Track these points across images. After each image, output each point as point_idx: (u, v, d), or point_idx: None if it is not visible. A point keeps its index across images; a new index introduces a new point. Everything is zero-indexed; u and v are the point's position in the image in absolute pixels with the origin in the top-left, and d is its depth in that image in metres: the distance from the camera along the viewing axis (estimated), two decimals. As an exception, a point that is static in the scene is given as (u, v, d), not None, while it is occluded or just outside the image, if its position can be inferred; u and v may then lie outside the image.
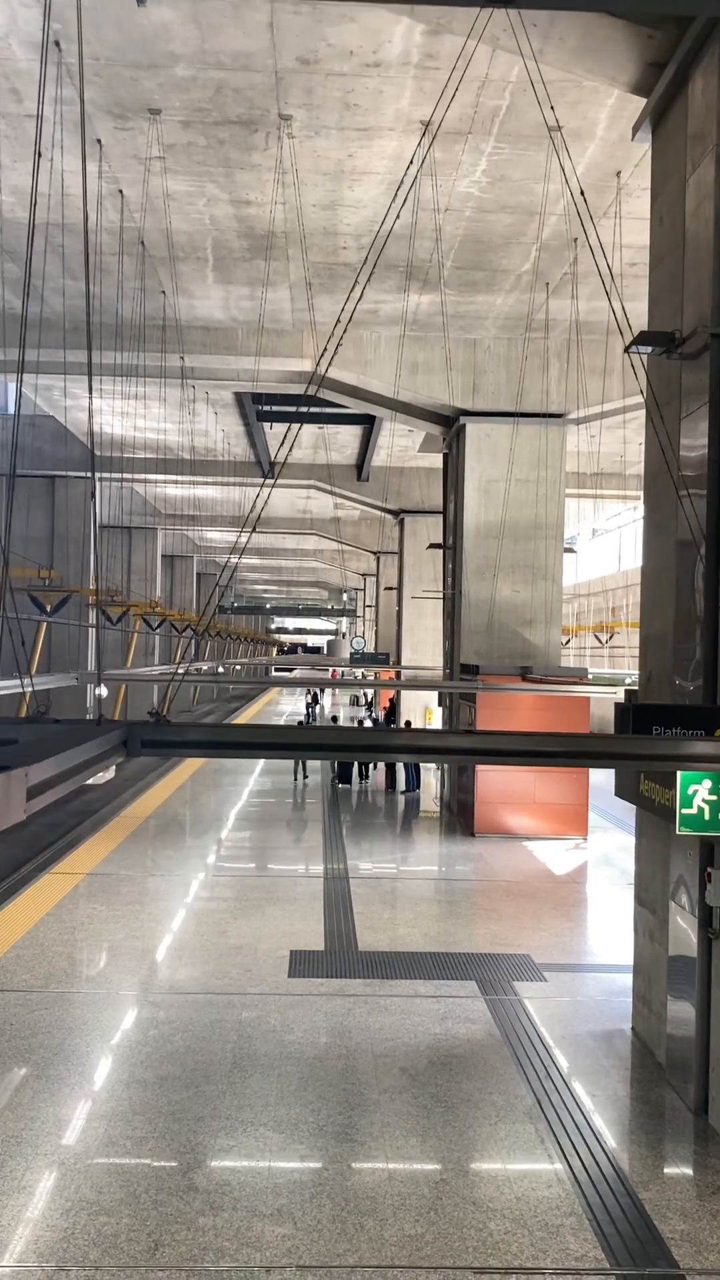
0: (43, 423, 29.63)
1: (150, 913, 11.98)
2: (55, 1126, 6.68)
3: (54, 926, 11.23)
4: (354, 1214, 5.71)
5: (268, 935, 11.10)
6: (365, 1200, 5.85)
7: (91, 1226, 5.57)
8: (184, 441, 28.75)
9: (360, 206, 13.62)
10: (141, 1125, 6.73)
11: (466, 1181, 6.11)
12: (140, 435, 28.49)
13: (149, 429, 27.56)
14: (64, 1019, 8.50)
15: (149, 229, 14.45)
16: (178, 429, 27.32)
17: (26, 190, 13.23)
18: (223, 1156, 6.37)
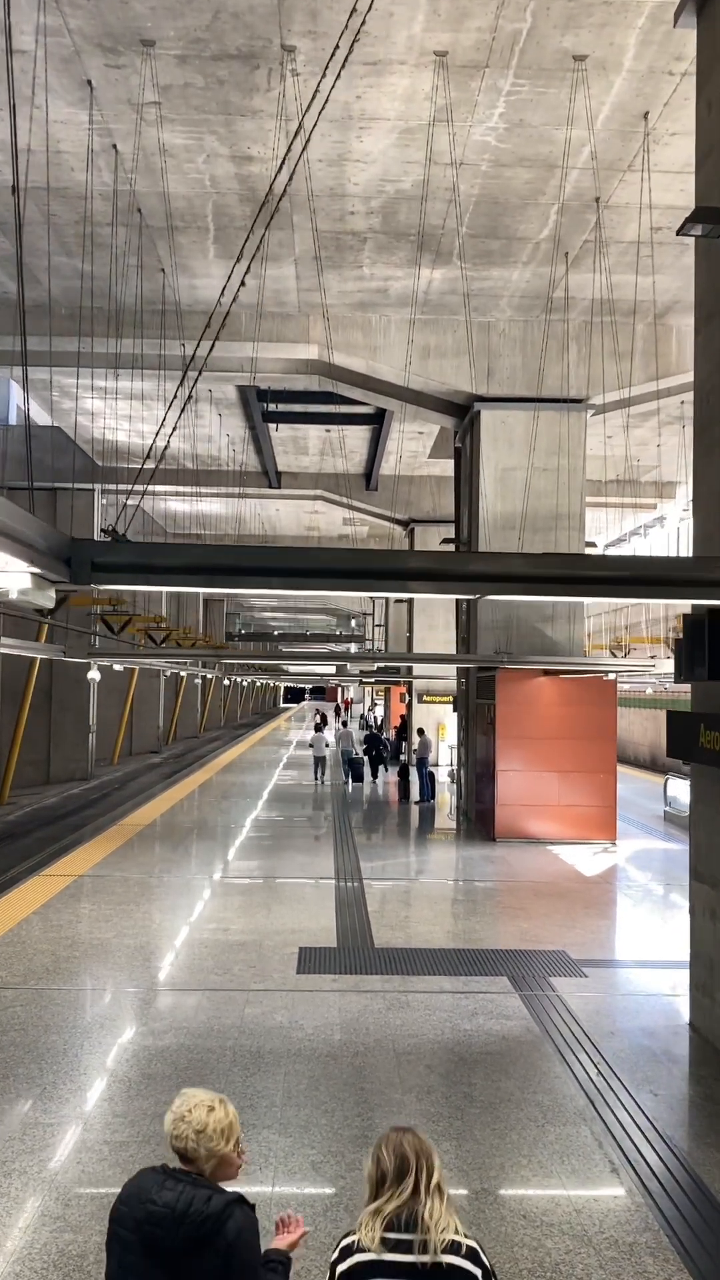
0: (42, 433, 28.88)
1: (145, 912, 10.93)
2: (19, 1130, 5.63)
3: (37, 925, 10.19)
4: (377, 1230, 4.64)
5: (274, 932, 10.05)
6: (390, 1214, 4.77)
7: (54, 1245, 4.52)
8: (187, 449, 27.96)
9: (369, 161, 12.80)
10: (122, 1129, 5.68)
11: (514, 1192, 5.04)
12: (144, 442, 27.70)
13: (152, 435, 26.76)
14: (40, 1016, 7.45)
15: (145, 192, 13.65)
16: (180, 434, 26.51)
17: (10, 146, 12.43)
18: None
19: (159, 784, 24.55)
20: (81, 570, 4.10)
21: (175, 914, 10.99)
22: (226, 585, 5.51)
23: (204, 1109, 2.69)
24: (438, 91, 11.23)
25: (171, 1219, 2.52)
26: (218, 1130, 2.67)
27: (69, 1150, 5.42)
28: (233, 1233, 2.53)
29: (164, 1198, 2.57)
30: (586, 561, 6.36)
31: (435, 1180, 2.58)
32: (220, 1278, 2.50)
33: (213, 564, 5.17)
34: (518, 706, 16.24)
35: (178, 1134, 2.68)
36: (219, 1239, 2.51)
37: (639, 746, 37.45)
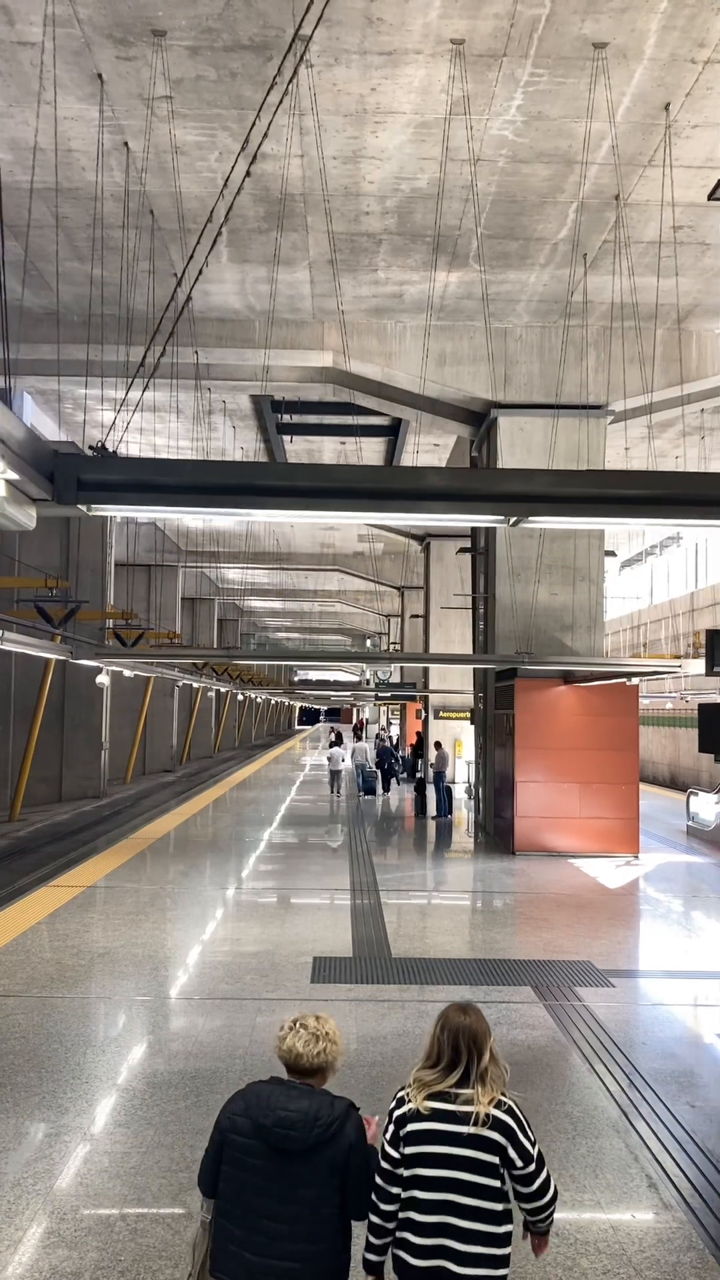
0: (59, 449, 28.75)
1: (154, 921, 10.59)
2: (14, 1140, 5.29)
3: (44, 934, 9.86)
4: (397, 1247, 4.27)
5: (288, 943, 9.68)
6: (411, 1230, 4.41)
7: (47, 1263, 4.17)
8: (202, 463, 27.76)
9: (384, 158, 12.59)
10: (124, 1139, 5.33)
11: (543, 1207, 4.66)
12: (159, 457, 27.55)
13: (164, 448, 26.62)
14: (42, 1024, 7.11)
15: (157, 193, 13.47)
16: (194, 447, 26.36)
17: (26, 144, 12.27)
18: (225, 1175, 4.95)
19: (172, 801, 24.23)
20: (67, 488, 3.79)
21: (186, 924, 10.64)
22: (234, 506, 4.98)
23: (319, 1028, 3.14)
24: (454, 83, 11.01)
25: (305, 1122, 2.94)
26: (333, 1044, 3.14)
27: (67, 1161, 5.08)
28: (353, 1132, 3.01)
29: (297, 1105, 2.99)
30: (624, 479, 5.73)
31: (482, 1066, 3.04)
32: (342, 1167, 2.95)
33: (219, 482, 4.76)
34: (537, 716, 15.87)
35: (297, 1051, 3.09)
36: (342, 1137, 2.97)
37: (658, 765, 36.95)
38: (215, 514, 5.00)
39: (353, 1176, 2.98)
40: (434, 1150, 2.97)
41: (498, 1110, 2.98)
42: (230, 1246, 2.95)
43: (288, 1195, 2.91)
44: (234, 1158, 2.99)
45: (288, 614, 64.91)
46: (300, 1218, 2.90)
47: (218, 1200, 3.04)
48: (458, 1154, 2.95)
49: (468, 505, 5.08)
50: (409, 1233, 2.98)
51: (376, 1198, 3.01)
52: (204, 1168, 3.11)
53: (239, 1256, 2.91)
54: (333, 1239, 2.95)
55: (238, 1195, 2.96)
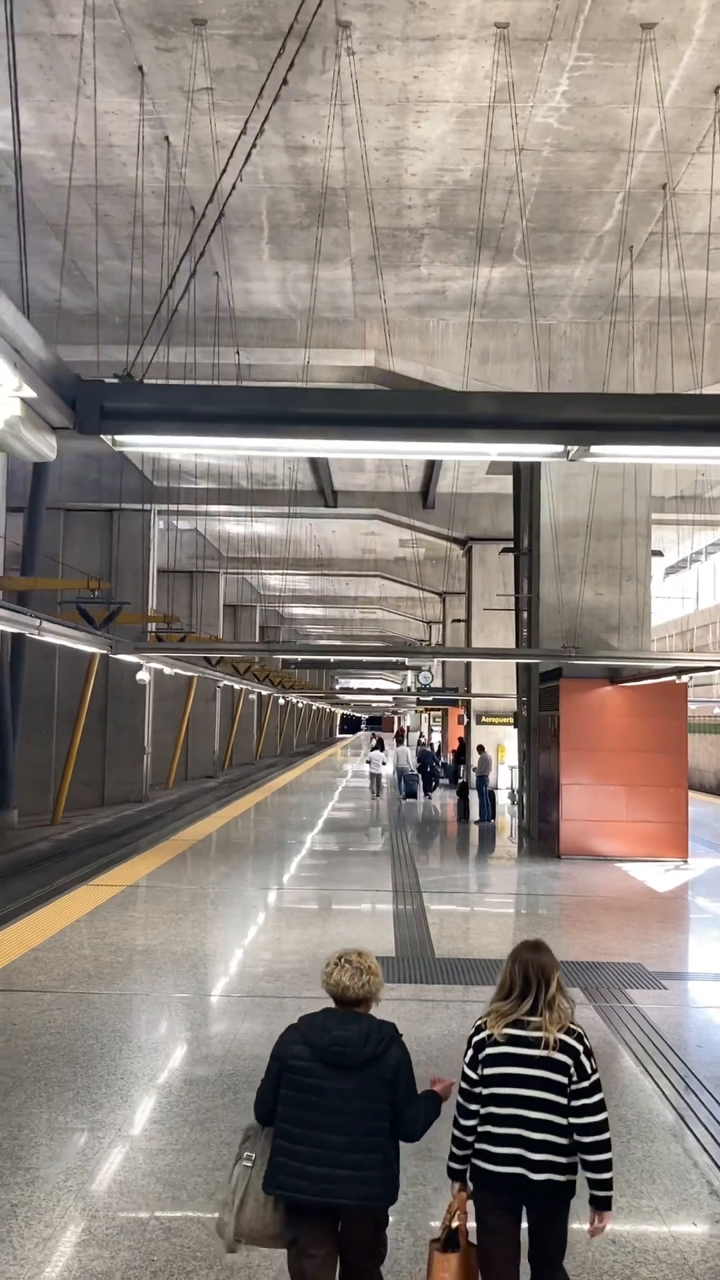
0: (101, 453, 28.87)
1: (194, 920, 10.44)
2: (47, 1135, 5.13)
3: (82, 931, 9.74)
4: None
5: (329, 942, 9.48)
6: (458, 1235, 4.19)
7: (78, 1261, 4.00)
8: (242, 467, 27.75)
9: (427, 149, 12.41)
10: (160, 1136, 5.15)
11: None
12: (199, 461, 27.56)
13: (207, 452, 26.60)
14: (78, 1020, 6.97)
15: (198, 188, 13.38)
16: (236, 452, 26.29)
17: (67, 140, 12.23)
18: (263, 1174, 4.76)
19: (214, 805, 24.16)
20: (90, 415, 3.61)
21: (226, 923, 10.48)
22: (270, 436, 4.69)
23: (361, 963, 3.44)
24: (498, 68, 10.82)
25: (358, 1041, 3.27)
26: (375, 976, 3.44)
27: (101, 1158, 4.91)
28: (399, 1053, 3.34)
29: (349, 1029, 3.31)
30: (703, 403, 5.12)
31: (550, 994, 3.41)
32: (390, 1082, 3.26)
33: (254, 410, 4.49)
34: (582, 717, 15.57)
35: (345, 984, 3.40)
36: (390, 1056, 3.30)
37: (705, 773, 36.37)
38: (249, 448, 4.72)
39: (400, 1094, 3.29)
40: (509, 1071, 3.34)
41: (566, 1036, 3.34)
42: (292, 1163, 3.22)
43: (344, 1109, 3.22)
44: (293, 1081, 3.28)
45: (329, 620, 64.80)
46: (355, 1129, 3.20)
47: (277, 1124, 3.30)
48: (530, 1074, 3.32)
49: (521, 434, 4.67)
50: (487, 1144, 3.33)
51: (458, 1114, 3.40)
52: (262, 1099, 3.39)
53: (302, 1170, 3.20)
54: (385, 1150, 3.26)
55: (298, 1115, 3.25)
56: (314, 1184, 3.18)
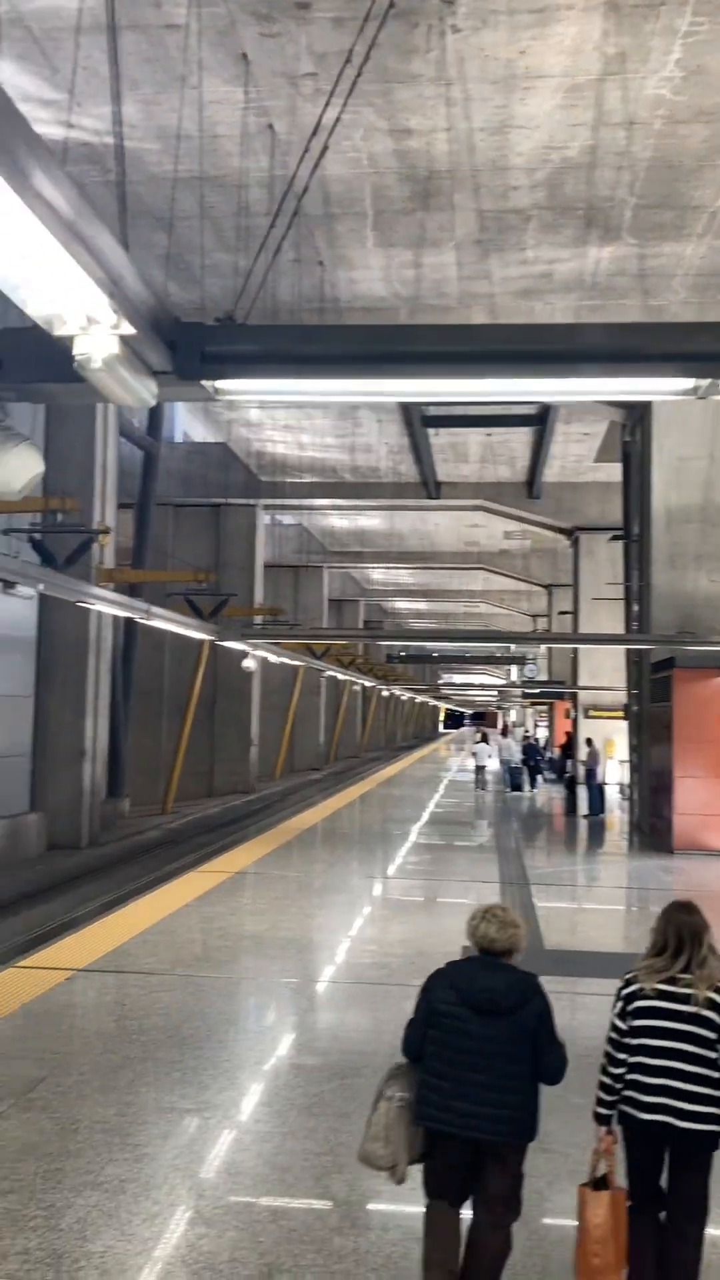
0: (207, 449, 29.22)
1: (301, 907, 10.44)
2: (154, 1114, 5.13)
3: (190, 916, 9.82)
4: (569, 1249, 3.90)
5: (435, 933, 9.37)
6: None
7: (184, 1240, 3.96)
8: (346, 460, 27.74)
9: (533, 127, 12.14)
10: (267, 1119, 5.11)
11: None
12: (304, 455, 27.67)
13: (311, 445, 26.68)
14: (185, 1002, 6.99)
15: (302, 177, 13.34)
16: (339, 443, 26.32)
17: (172, 133, 12.32)
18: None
19: (319, 796, 24.25)
20: (190, 360, 3.53)
21: (333, 910, 10.46)
22: (376, 376, 4.46)
23: (506, 917, 3.70)
24: (607, 38, 10.51)
25: (505, 988, 3.53)
26: (517, 929, 3.69)
27: (207, 1139, 4.88)
28: (541, 1002, 3.58)
29: (495, 978, 3.56)
30: None
31: (702, 954, 3.61)
32: (533, 1029, 3.51)
33: (360, 350, 4.32)
34: (697, 708, 15.11)
35: (491, 936, 3.64)
36: (533, 1005, 3.56)
37: None
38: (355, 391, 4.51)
39: (542, 1040, 3.53)
40: (659, 1024, 3.53)
41: (715, 994, 3.51)
42: (439, 1099, 3.48)
43: (487, 1052, 3.46)
44: (443, 1024, 3.54)
45: (432, 615, 64.56)
46: (498, 1071, 3.44)
47: (426, 1062, 3.56)
48: (679, 1028, 3.50)
49: (642, 367, 4.42)
50: (635, 1092, 3.52)
51: (607, 1062, 3.58)
52: (412, 1038, 3.67)
53: (452, 1107, 3.45)
54: (525, 1092, 3.49)
55: (446, 1056, 3.51)
56: (460, 1118, 3.44)
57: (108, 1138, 4.84)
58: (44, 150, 3.05)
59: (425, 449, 26.47)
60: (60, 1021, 6.63)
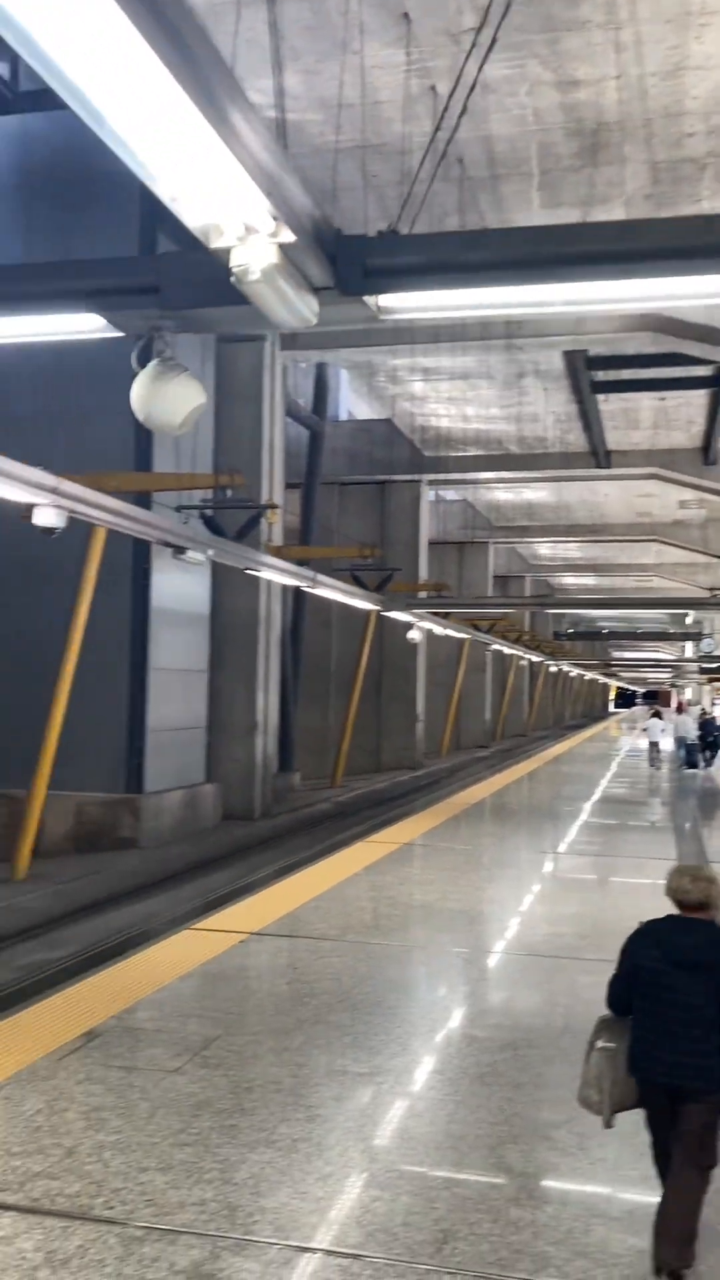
0: (371, 426, 29.24)
1: (471, 879, 10.34)
2: (325, 1077, 5.12)
3: (360, 884, 9.85)
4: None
5: (609, 906, 9.12)
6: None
7: (357, 1202, 3.92)
8: (511, 430, 27.29)
9: (710, 66, 11.52)
10: (439, 1085, 5.03)
11: None
12: (469, 427, 27.37)
13: (474, 417, 26.35)
14: (356, 968, 6.99)
15: (465, 138, 13.07)
16: (504, 414, 25.90)
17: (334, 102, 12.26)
18: (549, 1131, 4.53)
19: (486, 772, 24.05)
20: (352, 273, 3.41)
21: (503, 883, 10.33)
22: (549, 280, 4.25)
23: (699, 872, 3.87)
24: None
25: (707, 944, 3.68)
26: (712, 884, 3.81)
27: (379, 1103, 4.84)
28: None
29: (692, 931, 3.72)
30: None
31: None
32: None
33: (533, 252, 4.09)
34: None
35: (685, 887, 3.81)
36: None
37: None
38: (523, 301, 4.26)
39: None
40: None
41: None
42: (646, 1051, 3.65)
43: (687, 1004, 3.61)
44: (646, 979, 3.71)
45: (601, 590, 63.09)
46: (697, 1023, 3.59)
47: (634, 1015, 3.73)
48: None
49: None
50: None
51: None
52: (616, 994, 3.83)
53: (659, 1057, 3.62)
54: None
55: (650, 1009, 3.67)
56: (665, 1068, 3.61)
57: (281, 1097, 4.85)
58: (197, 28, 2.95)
59: (594, 416, 25.74)
60: (234, 983, 6.72)
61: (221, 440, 18.69)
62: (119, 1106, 4.72)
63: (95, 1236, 3.65)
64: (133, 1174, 4.09)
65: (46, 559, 15.43)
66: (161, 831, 15.62)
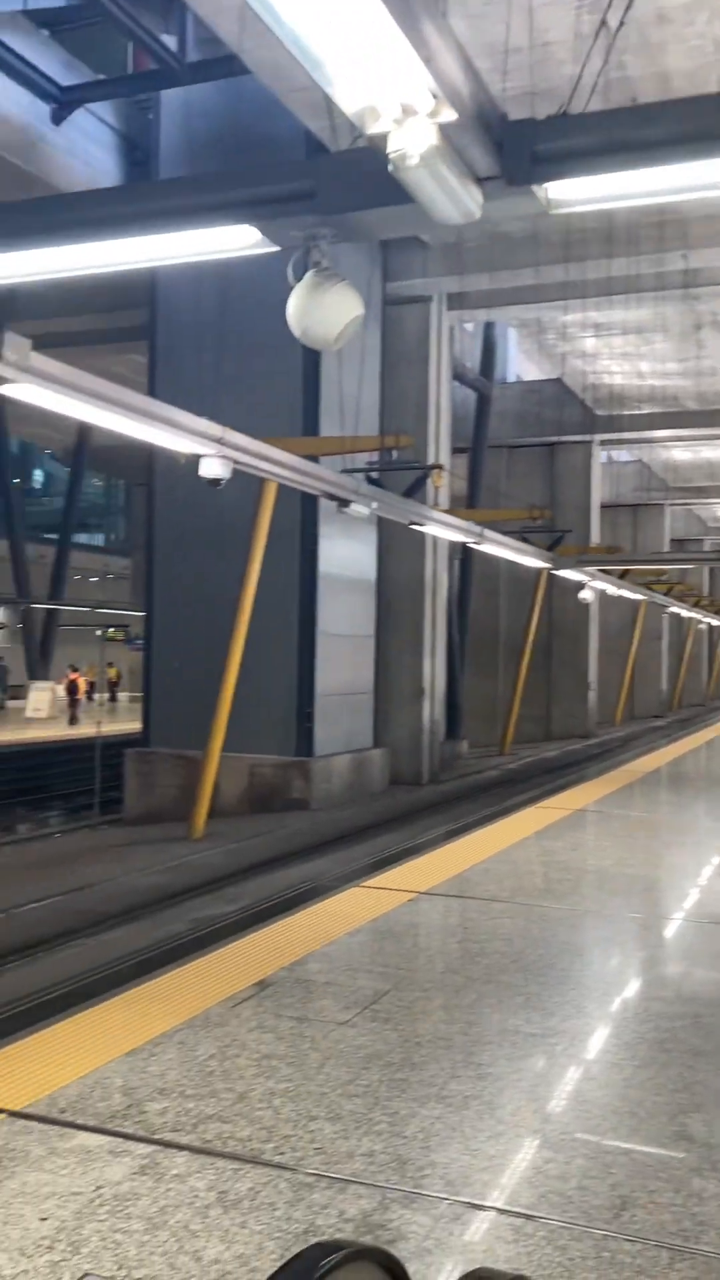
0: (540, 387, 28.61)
1: (647, 846, 10.02)
2: (498, 1035, 5.00)
3: (530, 848, 9.67)
4: None
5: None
6: None
7: (530, 1163, 3.80)
8: (689, 386, 26.21)
9: None
10: (615, 1050, 4.85)
11: None
12: (643, 384, 26.44)
13: (651, 374, 25.42)
14: (528, 930, 6.84)
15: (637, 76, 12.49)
16: (682, 369, 24.88)
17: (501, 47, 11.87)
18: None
19: (662, 741, 23.34)
20: (519, 161, 3.21)
21: (680, 850, 9.97)
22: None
23: None
24: None
25: None
26: None
27: (552, 1064, 4.69)
28: None
29: None
30: None
31: None
32: None
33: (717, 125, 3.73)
34: None
35: None
36: None
37: None
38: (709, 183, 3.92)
39: None
40: None
41: None
42: None
43: None
44: None
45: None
46: None
47: None
48: None
49: None
50: None
51: None
52: None
53: None
54: None
55: None
56: None
57: (451, 1054, 4.76)
58: None
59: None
60: (403, 939, 6.68)
61: (387, 405, 18.61)
62: (289, 1055, 4.73)
63: (266, 1180, 3.65)
64: (302, 1122, 4.08)
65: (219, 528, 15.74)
66: (331, 794, 15.79)
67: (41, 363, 7.27)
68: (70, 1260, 3.15)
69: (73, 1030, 5.01)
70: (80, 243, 5.09)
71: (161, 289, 17.23)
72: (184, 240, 4.85)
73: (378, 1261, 1.62)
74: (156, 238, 4.91)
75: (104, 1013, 5.25)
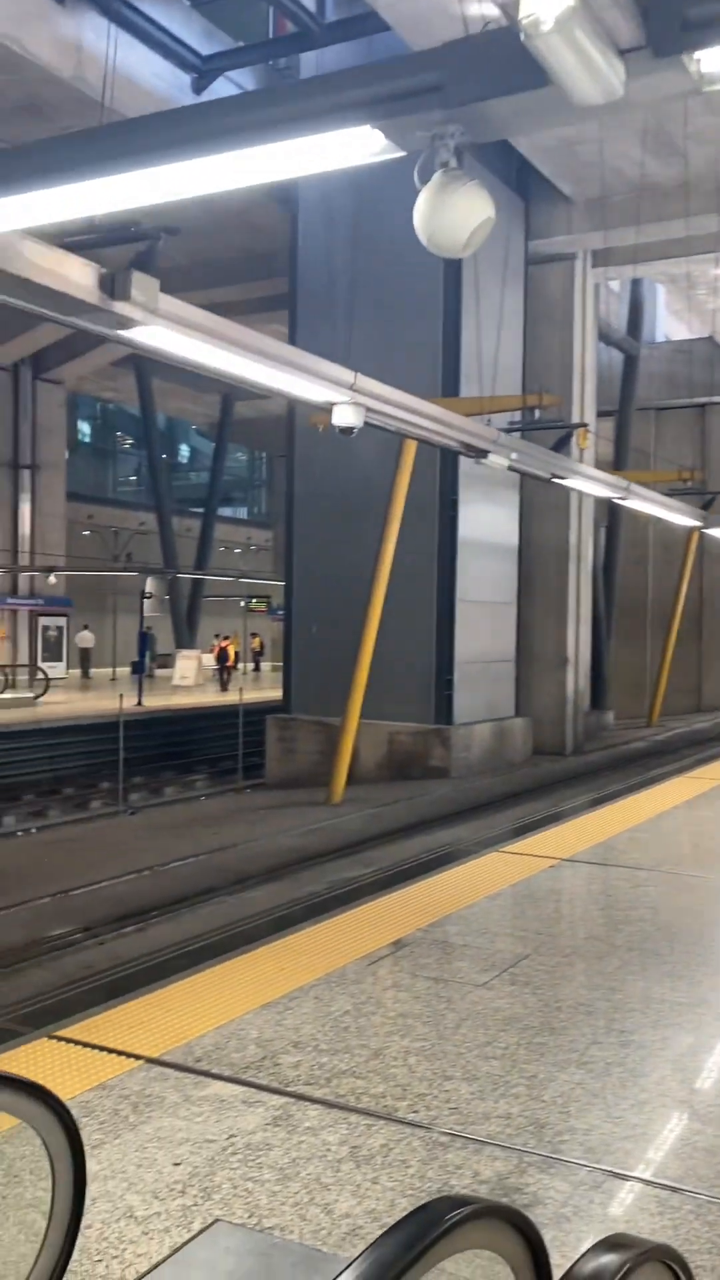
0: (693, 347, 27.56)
1: None
2: (641, 1004, 4.81)
3: (677, 818, 9.36)
4: None
5: None
6: None
7: (675, 1134, 3.63)
8: None
9: None
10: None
11: None
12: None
13: None
14: (674, 899, 6.59)
15: None
16: None
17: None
18: None
19: None
20: (668, 27, 2.90)
21: None
22: None
23: None
24: None
25: None
26: None
27: (699, 1034, 4.47)
28: None
29: None
30: None
31: None
32: None
33: None
34: None
35: None
36: None
37: None
38: None
39: None
40: None
41: None
42: None
43: None
44: None
45: None
46: None
47: None
48: None
49: None
50: None
51: None
52: None
53: None
54: None
55: None
56: None
57: (592, 1020, 4.60)
58: None
59: None
60: (544, 904, 6.52)
61: (530, 368, 18.20)
62: (425, 1015, 4.65)
63: (399, 1137, 3.57)
64: (437, 1081, 4.00)
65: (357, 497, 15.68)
66: (471, 762, 15.63)
67: (171, 304, 7.12)
68: (201, 1205, 3.14)
69: (211, 982, 5.05)
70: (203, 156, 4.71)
71: (301, 256, 17.22)
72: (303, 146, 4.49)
73: (509, 1220, 1.53)
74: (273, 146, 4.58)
75: (241, 966, 5.28)
